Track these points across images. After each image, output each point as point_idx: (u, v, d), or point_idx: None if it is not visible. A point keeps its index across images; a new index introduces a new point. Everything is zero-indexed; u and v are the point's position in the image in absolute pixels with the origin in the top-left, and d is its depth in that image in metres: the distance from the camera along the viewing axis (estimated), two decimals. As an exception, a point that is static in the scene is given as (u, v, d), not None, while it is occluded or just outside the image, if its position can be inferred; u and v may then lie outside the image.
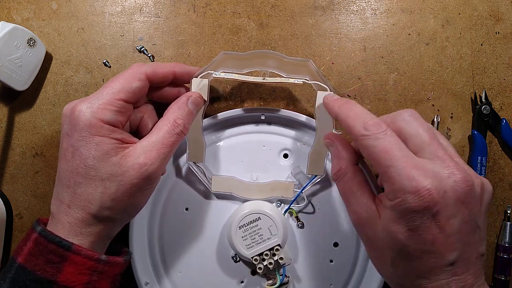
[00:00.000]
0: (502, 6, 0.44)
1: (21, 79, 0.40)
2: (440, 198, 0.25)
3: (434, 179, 0.26)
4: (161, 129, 0.33)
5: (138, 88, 0.33)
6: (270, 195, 0.40)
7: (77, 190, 0.31)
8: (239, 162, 0.41)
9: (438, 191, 0.26)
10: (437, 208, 0.25)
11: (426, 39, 0.43)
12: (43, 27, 0.43)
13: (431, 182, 0.26)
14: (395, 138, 0.28)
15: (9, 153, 0.43)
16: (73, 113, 0.31)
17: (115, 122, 0.32)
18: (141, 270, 0.39)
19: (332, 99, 0.34)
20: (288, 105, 0.43)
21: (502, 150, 0.43)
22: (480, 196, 0.28)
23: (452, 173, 0.27)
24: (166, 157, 0.33)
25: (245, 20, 0.43)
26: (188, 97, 0.35)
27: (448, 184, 0.26)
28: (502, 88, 0.43)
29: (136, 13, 0.43)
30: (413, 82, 0.43)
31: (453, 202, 0.26)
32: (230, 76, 0.37)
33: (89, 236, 0.32)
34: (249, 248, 0.37)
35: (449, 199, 0.26)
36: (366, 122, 0.28)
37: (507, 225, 0.42)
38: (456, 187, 0.26)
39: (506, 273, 0.42)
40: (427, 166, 0.27)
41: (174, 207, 0.41)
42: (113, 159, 0.31)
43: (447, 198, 0.26)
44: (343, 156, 0.32)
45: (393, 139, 0.28)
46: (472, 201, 0.27)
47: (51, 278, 0.29)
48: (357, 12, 0.43)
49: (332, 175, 0.33)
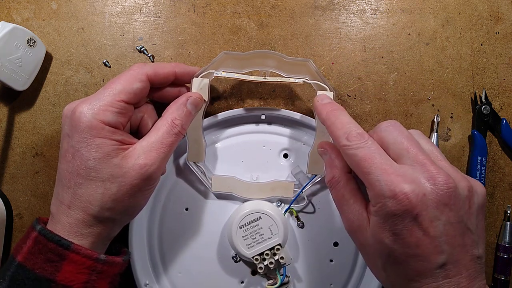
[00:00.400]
0: (502, 6, 0.44)
1: (21, 79, 0.40)
2: (418, 201, 0.26)
3: (412, 183, 0.26)
4: (159, 129, 0.33)
5: (139, 89, 0.34)
6: (270, 195, 0.40)
7: (77, 191, 0.31)
8: (239, 162, 0.41)
9: (417, 194, 0.26)
10: (417, 211, 0.26)
11: (426, 39, 0.43)
12: (43, 27, 0.43)
13: (409, 186, 0.26)
14: (375, 147, 0.29)
15: (9, 153, 0.43)
16: (74, 114, 0.31)
17: (116, 123, 0.32)
18: (140, 270, 0.39)
19: (322, 104, 0.34)
20: (288, 105, 0.43)
21: (502, 150, 0.43)
22: (467, 198, 0.28)
23: (432, 176, 0.27)
24: (165, 157, 0.33)
25: (245, 20, 0.43)
26: (187, 98, 0.35)
27: (426, 187, 0.26)
28: (502, 88, 0.43)
29: (136, 13, 0.43)
30: (413, 82, 0.43)
31: (434, 204, 0.26)
32: (231, 75, 0.38)
33: (89, 236, 0.32)
34: (249, 247, 0.37)
35: (429, 201, 0.26)
36: (349, 133, 0.30)
37: (507, 225, 0.42)
38: (436, 190, 0.26)
39: (506, 273, 0.42)
40: (406, 171, 0.27)
41: (174, 207, 0.41)
42: (114, 160, 0.31)
43: (427, 200, 0.26)
44: (336, 165, 0.33)
45: (373, 148, 0.29)
46: (457, 203, 0.27)
47: (49, 277, 0.29)
48: (357, 12, 0.44)
49: (326, 183, 0.34)
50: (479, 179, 0.42)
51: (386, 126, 0.31)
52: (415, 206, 0.26)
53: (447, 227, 0.26)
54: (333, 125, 0.31)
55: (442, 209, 0.26)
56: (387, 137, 0.30)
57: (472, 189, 0.28)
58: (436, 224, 0.26)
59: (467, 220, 0.27)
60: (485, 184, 0.42)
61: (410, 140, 0.29)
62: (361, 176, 0.29)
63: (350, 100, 0.43)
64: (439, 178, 0.27)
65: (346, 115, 0.32)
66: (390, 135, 0.30)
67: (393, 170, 0.27)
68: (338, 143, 0.30)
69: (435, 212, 0.26)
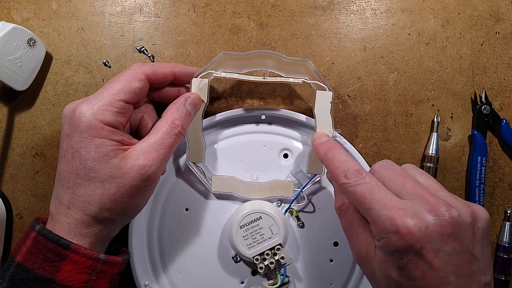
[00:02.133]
0: (502, 6, 0.44)
1: (21, 79, 0.40)
2: (421, 235, 0.26)
3: (413, 216, 0.26)
4: (159, 130, 0.33)
5: (138, 89, 0.34)
6: (270, 194, 0.40)
7: (76, 191, 0.31)
8: (239, 162, 0.41)
9: (419, 227, 0.26)
10: (421, 244, 0.26)
11: (426, 39, 0.43)
12: (43, 27, 0.43)
13: (411, 220, 0.26)
14: (374, 182, 0.29)
15: (9, 153, 0.43)
16: (73, 114, 0.31)
17: (116, 123, 0.32)
18: (140, 271, 0.39)
19: (319, 143, 0.36)
20: (288, 105, 0.43)
21: (502, 150, 0.43)
22: (471, 225, 0.27)
23: (433, 207, 0.27)
24: (165, 157, 0.33)
25: (245, 20, 0.43)
26: (186, 98, 0.35)
27: (429, 220, 0.26)
28: (502, 88, 0.43)
29: (136, 13, 0.43)
30: (413, 82, 0.43)
31: (437, 236, 0.26)
32: (231, 75, 0.37)
33: (88, 237, 0.32)
34: (250, 247, 0.37)
35: (433, 233, 0.26)
36: (347, 171, 0.30)
37: (507, 225, 0.42)
38: (438, 221, 0.26)
39: (506, 273, 0.42)
40: (407, 205, 0.27)
41: (174, 207, 0.41)
42: (113, 161, 0.31)
43: (430, 233, 0.26)
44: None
45: (372, 183, 0.29)
46: (461, 231, 0.26)
47: (49, 277, 0.29)
48: (357, 12, 0.44)
49: (335, 210, 0.33)
50: (479, 179, 0.42)
51: (379, 167, 0.31)
52: (418, 239, 0.26)
53: (453, 257, 0.26)
54: (331, 163, 0.32)
55: (446, 240, 0.26)
56: (382, 177, 0.30)
57: (475, 215, 0.28)
58: (441, 256, 0.26)
59: (473, 247, 0.27)
60: (485, 184, 0.42)
61: (405, 176, 0.29)
62: (364, 213, 0.29)
63: (350, 100, 0.43)
64: (441, 208, 0.26)
65: (343, 153, 0.33)
66: (384, 174, 0.30)
67: (393, 204, 0.27)
68: (337, 181, 0.31)
69: (439, 244, 0.26)
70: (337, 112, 0.43)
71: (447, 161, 0.43)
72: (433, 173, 0.42)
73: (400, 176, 0.29)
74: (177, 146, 0.35)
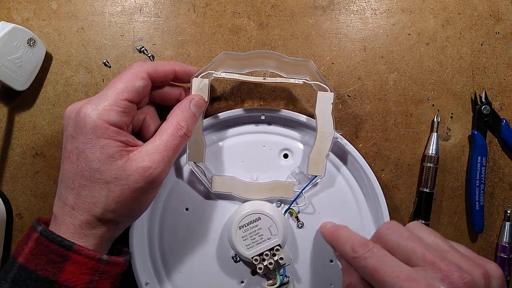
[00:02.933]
0: (502, 6, 0.44)
1: (21, 79, 0.40)
2: None
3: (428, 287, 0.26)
4: (164, 132, 0.33)
5: (141, 87, 0.33)
6: (270, 195, 0.40)
7: (81, 193, 0.31)
8: (239, 162, 0.41)
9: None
10: None
11: (426, 39, 0.43)
12: (43, 27, 0.43)
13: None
14: (382, 253, 0.29)
15: (9, 153, 0.43)
16: (78, 115, 0.31)
17: (120, 123, 0.32)
18: (141, 270, 0.39)
19: (326, 229, 0.37)
20: (288, 105, 0.43)
21: (502, 150, 0.43)
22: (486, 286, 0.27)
23: (445, 275, 0.26)
24: (170, 160, 0.32)
25: (245, 20, 0.43)
26: (191, 100, 0.35)
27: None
28: (502, 88, 0.43)
29: (136, 13, 0.43)
30: (413, 82, 0.43)
31: None
32: (231, 76, 0.37)
33: (93, 238, 0.32)
34: (249, 248, 0.37)
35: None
36: (353, 244, 0.30)
37: (507, 225, 0.42)
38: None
39: (506, 273, 0.42)
40: (419, 275, 0.27)
41: (174, 207, 0.41)
42: (118, 162, 0.31)
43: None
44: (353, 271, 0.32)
45: (380, 254, 0.29)
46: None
47: (52, 278, 0.29)
48: (357, 12, 0.43)
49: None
50: (479, 179, 0.42)
51: (385, 230, 0.31)
52: None
53: None
54: (338, 241, 0.33)
55: None
56: (390, 241, 0.30)
57: (488, 275, 0.27)
58: None
59: None
60: (485, 184, 0.42)
61: (412, 239, 0.29)
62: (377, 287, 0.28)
63: (350, 100, 0.43)
64: (453, 276, 0.26)
65: (348, 230, 0.34)
66: (391, 239, 0.30)
67: (405, 276, 0.27)
68: (346, 257, 0.31)
69: None
70: (337, 112, 0.43)
71: (447, 161, 0.43)
72: (433, 173, 0.42)
73: (408, 241, 0.29)
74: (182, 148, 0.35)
